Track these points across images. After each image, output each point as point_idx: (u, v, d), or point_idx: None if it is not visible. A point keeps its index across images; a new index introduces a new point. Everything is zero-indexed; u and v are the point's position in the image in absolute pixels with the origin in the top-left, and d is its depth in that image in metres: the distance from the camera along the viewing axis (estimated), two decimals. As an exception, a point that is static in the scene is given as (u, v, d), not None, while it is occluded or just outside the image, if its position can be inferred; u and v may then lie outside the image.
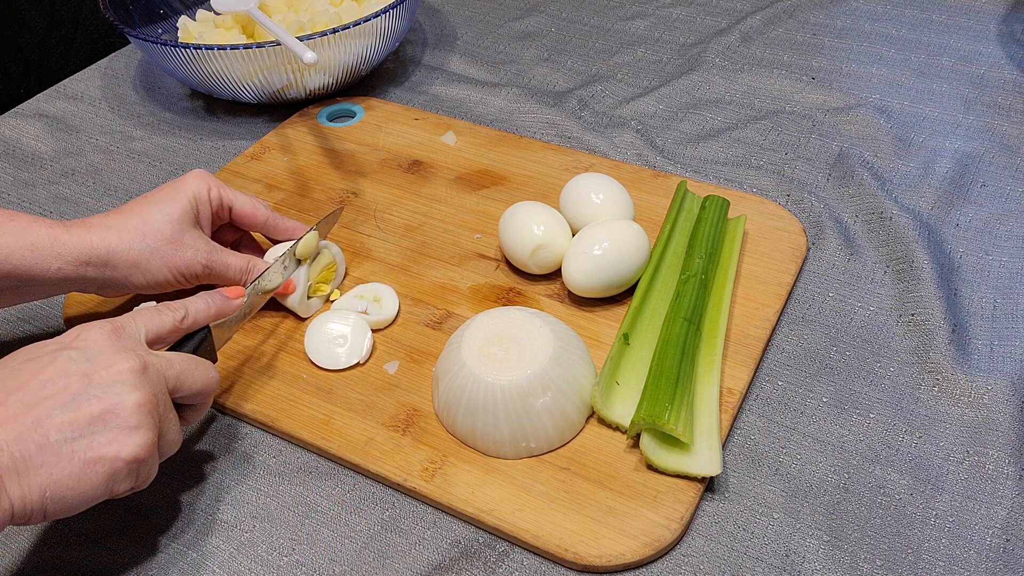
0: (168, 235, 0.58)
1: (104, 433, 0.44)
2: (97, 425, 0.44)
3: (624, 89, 0.88)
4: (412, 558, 0.51)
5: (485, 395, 0.53)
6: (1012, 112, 0.80)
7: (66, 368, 0.45)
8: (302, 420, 0.57)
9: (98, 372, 0.45)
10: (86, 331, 0.47)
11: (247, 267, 0.62)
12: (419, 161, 0.78)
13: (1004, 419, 0.55)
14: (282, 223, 0.65)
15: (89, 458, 0.44)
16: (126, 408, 0.45)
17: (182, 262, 0.59)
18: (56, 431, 0.43)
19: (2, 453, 0.42)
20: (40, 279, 0.56)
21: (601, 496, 0.52)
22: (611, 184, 0.66)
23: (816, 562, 0.49)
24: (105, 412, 0.44)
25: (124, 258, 0.57)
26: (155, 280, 0.59)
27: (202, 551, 0.52)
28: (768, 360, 0.60)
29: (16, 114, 0.90)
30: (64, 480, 0.43)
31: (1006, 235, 0.68)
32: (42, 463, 0.43)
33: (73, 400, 0.44)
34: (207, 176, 0.62)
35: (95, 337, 0.47)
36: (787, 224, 0.68)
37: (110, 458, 0.44)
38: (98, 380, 0.45)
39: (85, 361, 0.46)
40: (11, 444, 0.42)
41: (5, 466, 0.42)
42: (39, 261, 0.55)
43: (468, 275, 0.67)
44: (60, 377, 0.45)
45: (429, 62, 0.94)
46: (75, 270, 0.56)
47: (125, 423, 0.45)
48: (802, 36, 0.93)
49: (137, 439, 0.45)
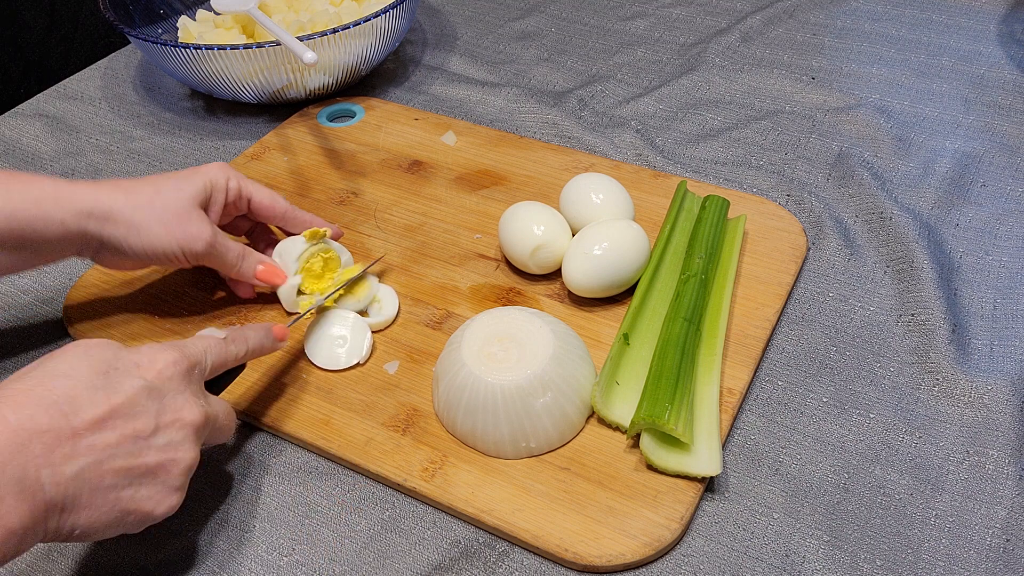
0: (175, 209, 0.58)
1: (150, 487, 0.44)
2: (147, 478, 0.44)
3: (624, 89, 0.88)
4: (412, 558, 0.51)
5: (485, 395, 0.53)
6: (1012, 112, 0.80)
7: (139, 404, 0.44)
8: (302, 420, 0.57)
9: (167, 419, 0.45)
10: (162, 360, 0.46)
11: (240, 254, 0.61)
12: (419, 161, 0.78)
13: (1004, 419, 0.55)
14: (300, 216, 0.65)
15: (127, 509, 0.44)
16: (178, 468, 0.45)
17: (186, 234, 0.58)
18: (111, 476, 0.43)
19: (58, 490, 0.41)
20: (44, 233, 0.55)
21: (601, 496, 0.52)
22: (611, 184, 0.66)
23: (816, 562, 0.49)
24: (159, 467, 0.45)
25: (127, 217, 0.57)
26: (151, 246, 0.58)
27: (202, 551, 0.52)
28: (768, 360, 0.60)
29: (16, 114, 0.90)
30: (98, 523, 0.43)
31: (1006, 235, 0.68)
32: (88, 505, 0.42)
33: (135, 446, 0.44)
34: (228, 168, 0.62)
35: (171, 373, 0.46)
36: (787, 224, 0.68)
37: (145, 512, 0.45)
38: (164, 431, 0.45)
39: (158, 401, 0.45)
40: (68, 482, 0.41)
41: (55, 503, 0.41)
42: (43, 213, 0.55)
43: (468, 275, 0.67)
44: (131, 417, 0.44)
45: (429, 62, 0.94)
46: (77, 222, 0.55)
47: (172, 483, 0.45)
48: (802, 36, 0.93)
49: (174, 499, 0.46)
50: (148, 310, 0.65)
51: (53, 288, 0.70)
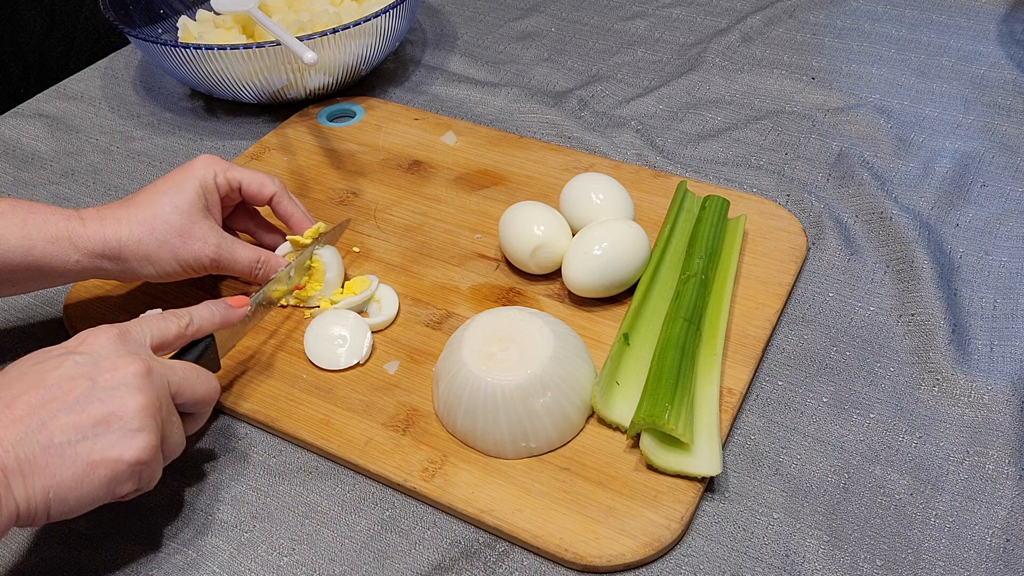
0: (177, 227, 0.58)
1: (107, 436, 0.45)
2: (100, 428, 0.45)
3: (624, 89, 0.88)
4: (412, 558, 0.51)
5: (485, 395, 0.53)
6: (1012, 112, 0.80)
7: (71, 371, 0.46)
8: (302, 420, 0.57)
9: (103, 375, 0.46)
10: (92, 335, 0.48)
11: (258, 260, 0.62)
12: (419, 161, 0.78)
13: (1004, 419, 0.55)
14: (283, 205, 0.65)
15: (92, 460, 0.44)
16: (129, 411, 0.45)
17: (190, 254, 0.59)
18: (60, 433, 0.44)
19: (8, 454, 0.42)
20: (61, 269, 0.57)
21: (601, 496, 0.52)
22: (611, 184, 0.66)
23: (816, 562, 0.49)
24: (109, 415, 0.45)
25: (135, 251, 0.58)
26: (164, 271, 0.59)
27: (202, 551, 0.52)
28: (768, 360, 0.60)
29: (16, 114, 0.90)
30: (67, 482, 0.44)
31: (1006, 235, 0.68)
32: (46, 464, 0.43)
33: (78, 402, 0.45)
34: (213, 161, 0.62)
35: (101, 341, 0.48)
36: (787, 224, 0.68)
37: (112, 460, 0.45)
38: (102, 383, 0.46)
39: (90, 365, 0.46)
40: (16, 446, 0.43)
41: (10, 467, 0.42)
42: (59, 253, 0.56)
43: (468, 275, 0.67)
44: (65, 380, 0.45)
45: (429, 62, 0.94)
46: (92, 262, 0.57)
47: (128, 426, 0.45)
48: (802, 36, 0.93)
49: (139, 442, 0.45)
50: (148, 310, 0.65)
51: (53, 289, 0.69)
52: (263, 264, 0.62)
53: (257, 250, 0.62)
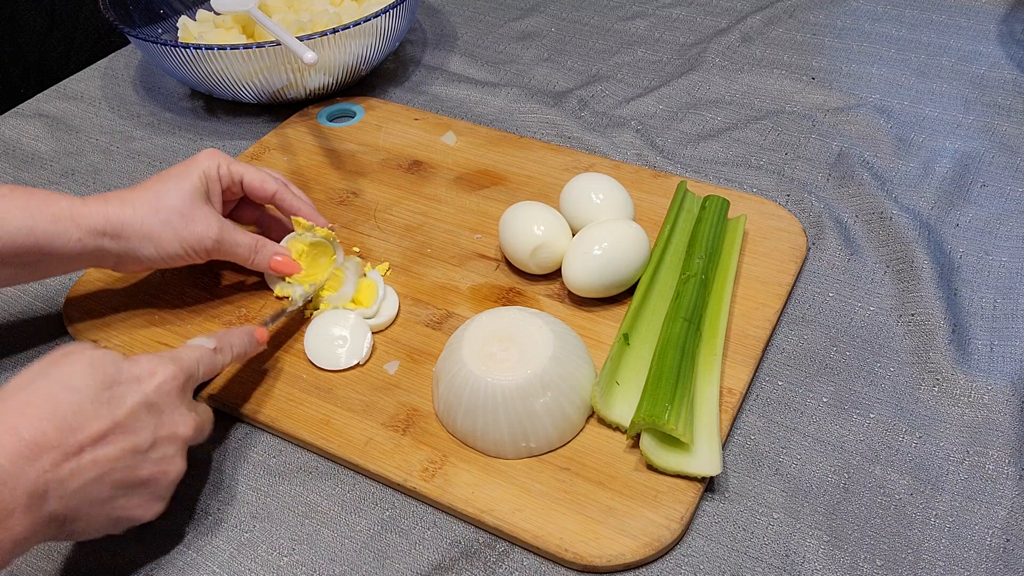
0: (180, 209, 0.59)
1: (141, 495, 0.47)
2: (140, 488, 0.46)
3: (624, 89, 0.88)
4: (412, 558, 0.51)
5: (485, 395, 0.53)
6: (1012, 112, 0.80)
7: (140, 420, 0.46)
8: (302, 420, 0.57)
9: (163, 433, 0.47)
10: (161, 374, 0.48)
11: (255, 245, 0.63)
12: (419, 161, 0.78)
13: (1004, 419, 0.55)
14: (287, 202, 0.65)
15: (119, 517, 0.46)
16: (169, 479, 0.48)
17: (193, 236, 0.59)
18: (110, 489, 0.45)
19: (61, 503, 0.43)
20: (62, 250, 0.57)
21: (601, 496, 0.52)
22: (611, 184, 0.66)
23: (816, 562, 0.49)
24: (151, 479, 0.47)
25: (137, 229, 0.58)
26: (166, 252, 0.60)
27: (202, 551, 0.52)
28: (768, 360, 0.60)
29: (16, 114, 0.90)
30: (90, 529, 0.46)
31: (1006, 235, 0.68)
32: (86, 516, 0.44)
33: (134, 460, 0.46)
34: (217, 154, 0.63)
35: (169, 388, 0.48)
36: (787, 224, 0.68)
37: (132, 519, 0.47)
38: (159, 444, 0.47)
39: (156, 417, 0.47)
40: (71, 496, 0.43)
41: (57, 515, 0.43)
42: (61, 232, 0.56)
43: (468, 275, 0.67)
44: (131, 432, 0.46)
45: (429, 62, 0.94)
46: (93, 240, 0.57)
47: (159, 492, 0.48)
48: (802, 36, 0.93)
49: (159, 507, 0.48)
50: (148, 310, 0.65)
51: (53, 288, 0.70)
52: (259, 248, 0.63)
53: (255, 235, 0.63)
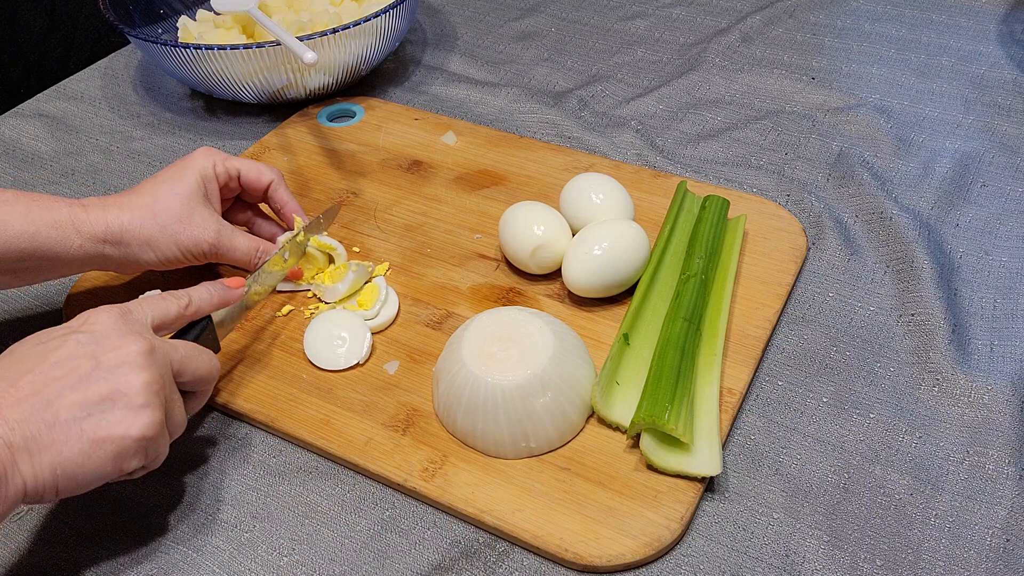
0: (177, 213, 0.60)
1: (112, 412, 0.45)
2: (105, 404, 0.45)
3: (624, 89, 0.88)
4: (412, 558, 0.51)
5: (485, 395, 0.53)
6: (1012, 112, 0.80)
7: (75, 351, 0.46)
8: (302, 420, 0.57)
9: (106, 354, 0.46)
10: (94, 315, 0.49)
11: (256, 249, 0.63)
12: (419, 161, 0.78)
13: (1004, 419, 0.55)
14: (278, 193, 0.66)
15: (98, 437, 0.45)
16: (133, 388, 0.46)
17: (190, 240, 0.60)
18: (65, 411, 0.44)
19: (13, 432, 0.43)
20: (63, 256, 0.57)
21: (601, 496, 0.52)
22: (611, 184, 0.66)
23: (816, 562, 0.49)
24: (113, 392, 0.46)
25: (136, 236, 0.59)
26: (164, 257, 0.60)
27: (202, 551, 0.52)
28: (768, 360, 0.60)
29: (16, 114, 0.90)
30: (74, 458, 0.44)
31: (1006, 235, 0.68)
32: (52, 442, 0.44)
33: (82, 381, 0.45)
34: (212, 151, 0.63)
35: (103, 320, 0.48)
36: (787, 224, 0.68)
37: (118, 436, 0.45)
38: (106, 361, 0.46)
39: (93, 343, 0.47)
40: (22, 424, 0.43)
41: (17, 445, 0.43)
42: (62, 238, 0.57)
43: (468, 275, 0.67)
44: (69, 359, 0.46)
45: (429, 62, 0.94)
46: (94, 247, 0.58)
47: (132, 402, 0.46)
48: (802, 36, 0.93)
49: (144, 418, 0.46)
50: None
51: (53, 288, 0.70)
52: (262, 253, 0.63)
53: (256, 239, 0.63)
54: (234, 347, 0.62)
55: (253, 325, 0.64)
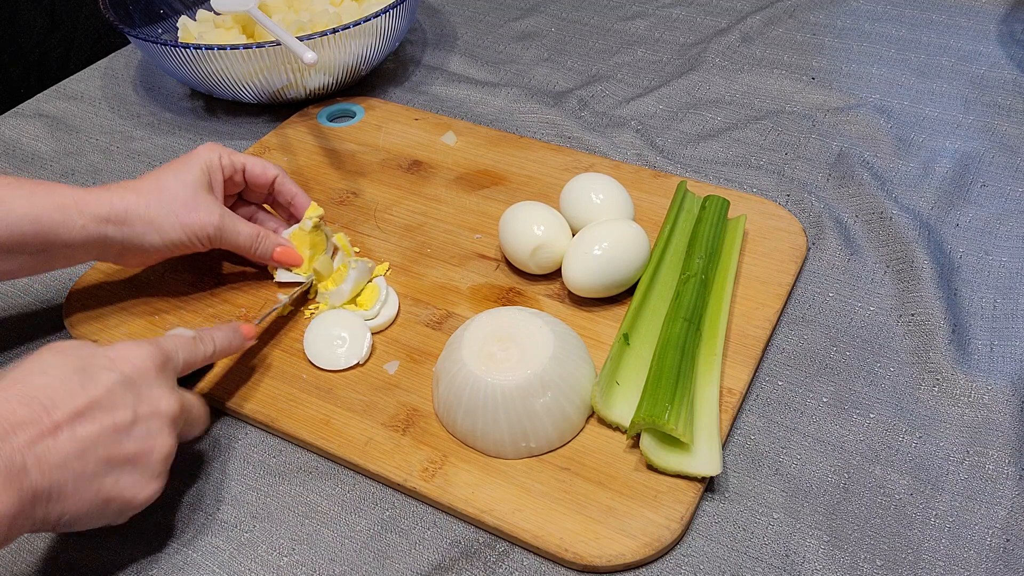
0: (183, 198, 0.60)
1: (130, 475, 0.46)
2: (127, 466, 0.46)
3: (624, 89, 0.88)
4: (412, 558, 0.51)
5: (485, 395, 0.53)
6: (1012, 112, 0.80)
7: (116, 396, 0.46)
8: (302, 420, 0.57)
9: (144, 410, 0.47)
10: (135, 355, 0.48)
11: (257, 236, 0.64)
12: (419, 161, 0.78)
13: (1004, 419, 0.55)
14: (286, 186, 0.67)
15: (110, 496, 0.46)
16: (156, 456, 0.47)
17: (195, 222, 0.60)
18: (94, 464, 0.44)
19: (43, 478, 0.43)
20: (66, 237, 0.57)
21: (601, 496, 0.52)
22: (611, 184, 0.66)
23: (816, 562, 0.49)
24: (138, 455, 0.46)
25: (140, 215, 0.59)
26: (168, 239, 0.60)
27: (202, 551, 0.52)
28: (768, 360, 0.60)
29: (16, 114, 0.90)
30: (83, 511, 0.45)
31: (1006, 235, 0.68)
32: (72, 493, 0.44)
33: (116, 435, 0.45)
34: (217, 146, 0.64)
35: (144, 366, 0.48)
36: (787, 224, 0.68)
37: (127, 500, 0.46)
38: (142, 418, 0.47)
39: (134, 394, 0.47)
40: (53, 471, 0.43)
41: (42, 491, 0.43)
42: (65, 219, 0.57)
43: (468, 275, 0.67)
44: (110, 405, 0.45)
45: (429, 62, 0.94)
46: (97, 227, 0.58)
47: (150, 470, 0.47)
48: (802, 36, 0.93)
49: (153, 487, 0.47)
50: (148, 310, 0.65)
51: (53, 288, 0.70)
52: (262, 239, 0.64)
53: (257, 227, 0.64)
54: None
55: (253, 325, 0.64)
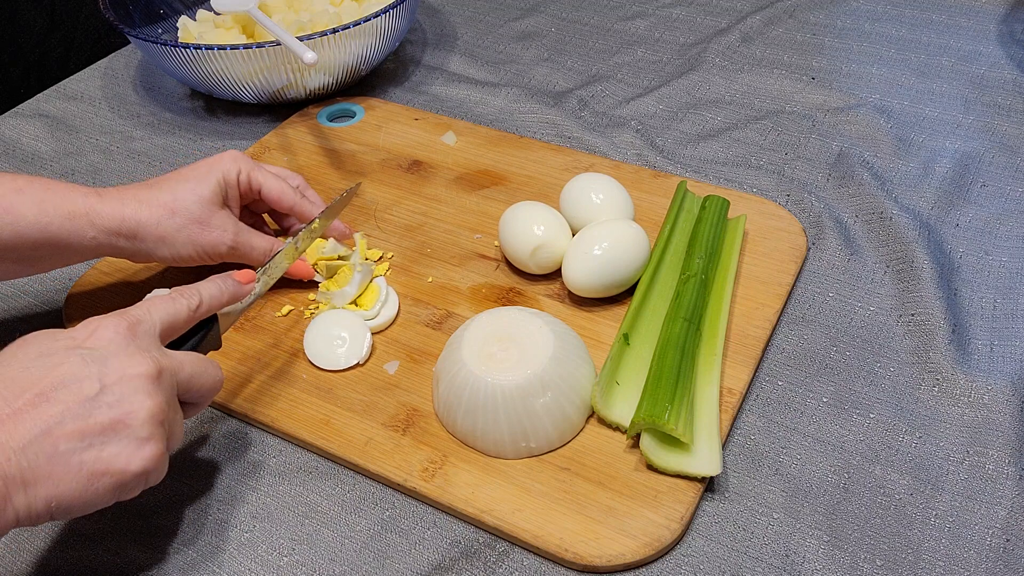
0: (196, 215, 0.59)
1: (114, 444, 0.43)
2: (107, 435, 0.43)
3: (624, 89, 0.88)
4: (412, 558, 0.51)
5: (485, 395, 0.53)
6: (1012, 112, 0.80)
7: (79, 371, 0.43)
8: (302, 420, 0.57)
9: (112, 377, 0.44)
10: (101, 328, 0.46)
11: (272, 248, 0.63)
12: (419, 161, 0.78)
13: (1004, 419, 0.55)
14: (305, 212, 0.65)
15: (96, 470, 0.42)
16: (138, 419, 0.43)
17: (208, 242, 0.60)
18: (65, 441, 0.42)
19: (10, 463, 0.40)
20: (77, 246, 0.57)
21: (601, 496, 0.52)
22: (611, 184, 0.66)
23: (816, 562, 0.49)
24: (116, 422, 0.43)
25: (152, 232, 0.58)
26: (179, 255, 0.60)
27: (202, 551, 0.52)
28: (768, 360, 0.60)
29: (16, 114, 0.90)
30: (70, 491, 0.42)
31: (1006, 235, 0.68)
32: (49, 474, 0.41)
33: (84, 408, 0.42)
34: (240, 158, 0.63)
35: (110, 336, 0.45)
36: (787, 224, 0.68)
37: (118, 471, 0.43)
38: (111, 386, 0.43)
39: (99, 364, 0.44)
40: (19, 453, 0.41)
41: (12, 477, 0.41)
42: (76, 229, 0.56)
43: (468, 275, 0.67)
44: (73, 381, 0.43)
45: (429, 62, 0.94)
46: (107, 239, 0.57)
47: (136, 434, 0.43)
48: (802, 36, 0.93)
49: (146, 452, 0.44)
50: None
51: (53, 288, 0.70)
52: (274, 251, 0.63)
53: (271, 238, 0.64)
54: (234, 347, 0.62)
55: (253, 325, 0.64)
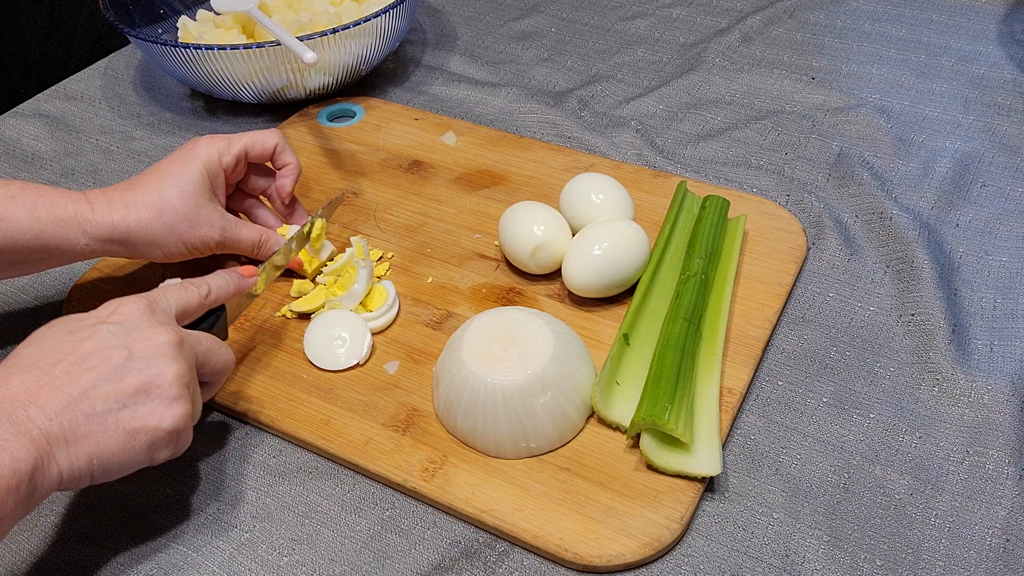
0: (184, 213, 0.60)
1: (146, 404, 0.46)
2: (140, 396, 0.46)
3: (624, 89, 0.88)
4: (412, 558, 0.51)
5: (485, 395, 0.53)
6: (1012, 112, 0.80)
7: (107, 341, 0.47)
8: (302, 420, 0.57)
9: (138, 345, 0.47)
10: (122, 305, 0.49)
11: (260, 240, 0.64)
12: (419, 161, 0.78)
13: (1004, 419, 0.55)
14: (284, 155, 0.66)
15: (133, 428, 0.46)
16: (166, 380, 0.47)
17: (197, 238, 0.61)
18: (101, 402, 0.45)
19: (51, 423, 0.43)
20: (70, 251, 0.58)
21: (601, 496, 0.52)
22: (611, 184, 0.66)
23: (816, 562, 0.49)
24: (147, 384, 0.46)
25: (142, 236, 0.59)
26: (170, 253, 0.61)
27: (202, 551, 0.52)
28: (768, 360, 0.60)
29: (16, 114, 0.90)
30: (110, 449, 0.45)
31: (1006, 235, 0.68)
32: (89, 432, 0.44)
33: (116, 372, 0.46)
34: (215, 139, 0.63)
35: (132, 311, 0.49)
36: (787, 224, 0.68)
37: (152, 428, 0.46)
38: (139, 352, 0.47)
39: (124, 334, 0.47)
40: (60, 414, 0.44)
41: (55, 436, 0.43)
42: (69, 236, 0.57)
43: (468, 275, 0.67)
44: (102, 350, 0.46)
45: (429, 62, 0.94)
46: (100, 245, 0.59)
47: (166, 394, 0.47)
48: (802, 36, 0.93)
49: (177, 410, 0.47)
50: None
51: (53, 288, 0.70)
52: (264, 242, 0.65)
53: (259, 229, 0.65)
54: (234, 347, 0.62)
55: (253, 325, 0.64)
